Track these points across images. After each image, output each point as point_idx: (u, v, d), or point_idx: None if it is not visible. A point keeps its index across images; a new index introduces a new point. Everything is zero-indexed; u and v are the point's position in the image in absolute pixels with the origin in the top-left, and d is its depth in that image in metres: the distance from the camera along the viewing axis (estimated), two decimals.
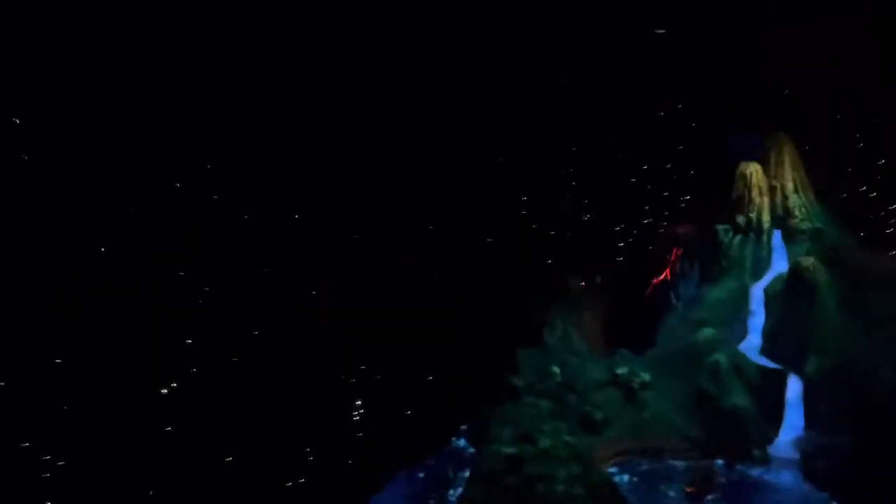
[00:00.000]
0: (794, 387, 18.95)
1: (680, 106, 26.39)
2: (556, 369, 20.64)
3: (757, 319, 21.34)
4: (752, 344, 20.76)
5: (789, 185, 22.83)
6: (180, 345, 14.97)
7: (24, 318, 13.36)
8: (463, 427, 20.69)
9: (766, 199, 22.77)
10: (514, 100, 23.80)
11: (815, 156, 23.76)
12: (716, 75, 25.77)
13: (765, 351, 20.23)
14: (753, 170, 22.93)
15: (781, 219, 22.70)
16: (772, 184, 22.97)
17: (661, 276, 27.01)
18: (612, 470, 18.44)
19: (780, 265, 22.15)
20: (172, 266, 15.07)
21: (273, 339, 16.11)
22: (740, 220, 22.80)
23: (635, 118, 26.95)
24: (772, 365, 19.51)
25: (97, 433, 13.77)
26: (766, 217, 22.65)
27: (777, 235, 22.56)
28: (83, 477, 13.64)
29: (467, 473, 17.67)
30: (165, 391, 14.61)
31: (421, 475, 18.37)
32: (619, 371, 20.72)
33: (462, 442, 20.06)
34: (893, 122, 22.65)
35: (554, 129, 25.75)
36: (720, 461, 18.58)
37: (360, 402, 17.89)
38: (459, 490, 17.25)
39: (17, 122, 13.31)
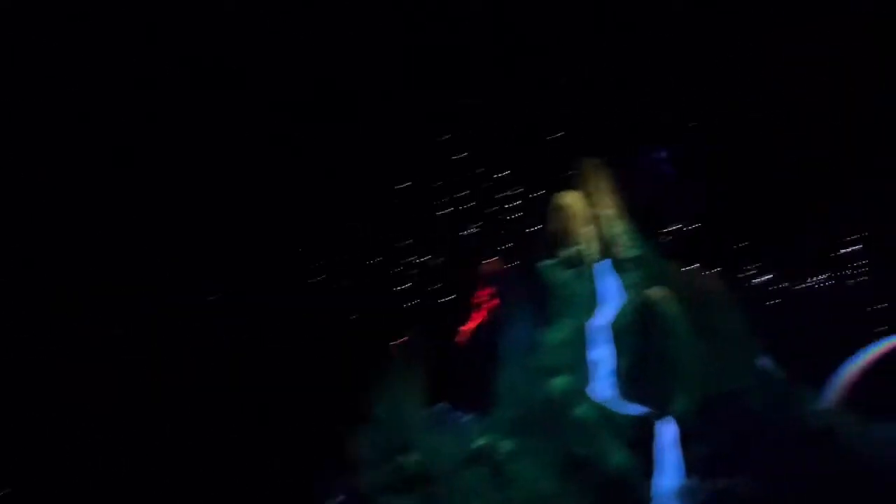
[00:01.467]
0: (667, 430, 17.74)
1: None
2: (408, 459, 17.26)
3: (604, 359, 19.93)
4: (605, 388, 19.25)
5: (611, 213, 21.85)
6: None
7: None
8: None
9: (590, 230, 21.63)
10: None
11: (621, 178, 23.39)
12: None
13: (625, 394, 18.70)
14: (573, 199, 21.61)
15: (607, 248, 21.75)
16: (593, 213, 21.91)
17: (477, 321, 24.86)
18: None
19: (614, 298, 21.12)
20: None
21: None
22: (568, 253, 21.35)
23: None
24: (640, 410, 18.04)
25: None
26: (592, 248, 21.44)
27: (605, 266, 21.62)
28: None
29: None
30: None
31: None
32: (478, 443, 17.93)
33: None
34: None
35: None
36: None
37: None
38: None
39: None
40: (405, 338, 23.35)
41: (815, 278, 19.98)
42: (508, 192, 23.60)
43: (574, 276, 20.82)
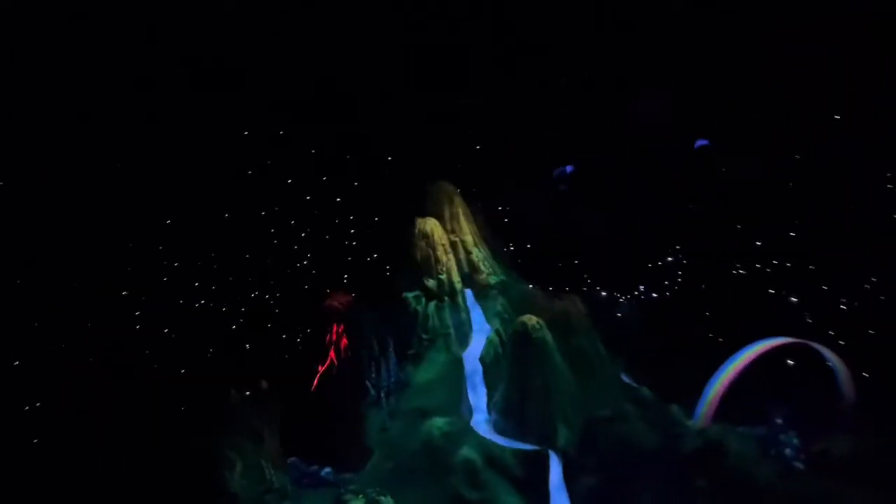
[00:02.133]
0: (555, 465, 16.86)
1: None
2: None
3: (479, 395, 18.78)
4: (484, 426, 18.08)
5: (469, 239, 20.79)
6: None
7: None
8: None
9: (451, 257, 20.49)
10: None
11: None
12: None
13: (502, 429, 17.58)
14: (433, 226, 20.37)
15: (468, 276, 20.74)
16: (451, 239, 20.85)
17: (327, 363, 22.82)
18: None
19: (480, 328, 20.10)
20: None
21: None
22: (430, 283, 19.95)
23: None
24: (524, 446, 17.01)
25: None
26: (455, 277, 20.31)
27: (468, 294, 20.61)
28: None
29: None
30: None
31: None
32: (354, 502, 15.90)
33: None
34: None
35: None
36: None
37: None
38: None
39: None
40: (248, 383, 20.86)
41: (661, 292, 20.47)
42: (350, 218, 21.97)
43: (440, 307, 19.66)
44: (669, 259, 21.28)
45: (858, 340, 18.08)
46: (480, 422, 17.61)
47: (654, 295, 21.48)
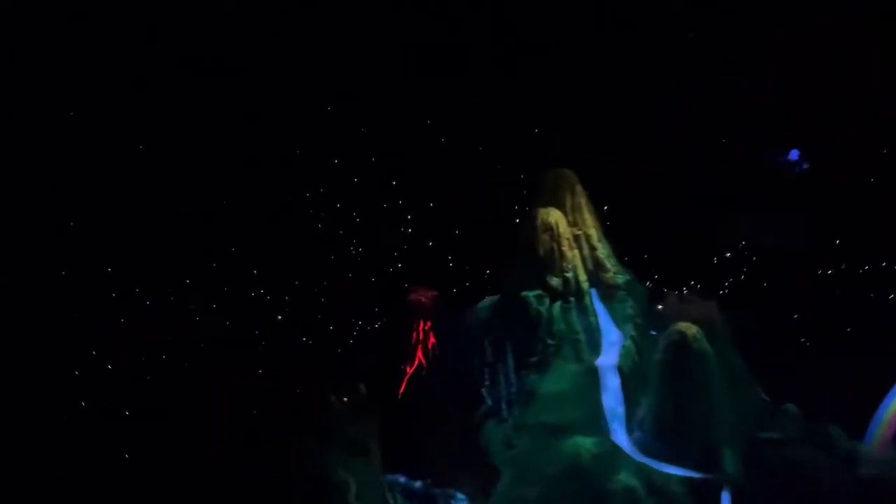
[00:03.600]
0: (726, 496, 14.79)
1: None
2: None
3: (620, 412, 16.58)
4: (625, 444, 15.82)
5: (593, 233, 18.51)
6: None
7: None
8: None
9: (577, 253, 18.26)
10: None
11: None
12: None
13: (654, 452, 15.49)
14: (557, 218, 18.04)
15: (593, 274, 18.52)
16: (575, 233, 18.59)
17: (415, 365, 20.57)
18: None
19: (611, 334, 17.86)
20: None
21: None
22: (555, 281, 17.65)
23: None
24: (688, 472, 14.96)
25: None
26: (582, 275, 18.06)
27: (594, 296, 18.39)
28: None
29: None
30: None
31: None
32: None
33: None
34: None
35: None
36: None
37: None
38: None
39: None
40: (344, 391, 18.58)
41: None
42: (459, 205, 19.64)
43: (566, 309, 17.46)
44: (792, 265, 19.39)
45: None
46: (624, 442, 15.54)
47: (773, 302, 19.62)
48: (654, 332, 17.52)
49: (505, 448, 16.00)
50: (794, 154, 17.85)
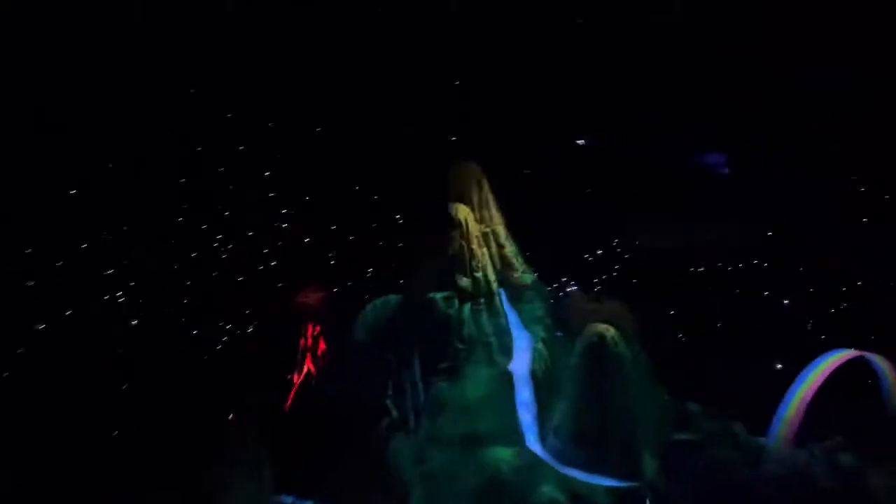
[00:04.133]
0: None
1: None
2: None
3: (529, 415, 15.64)
4: (541, 453, 14.87)
5: (501, 230, 17.62)
6: None
7: None
8: None
9: (485, 251, 17.18)
10: None
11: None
12: None
13: (573, 460, 14.66)
14: (466, 214, 16.89)
15: (501, 273, 17.53)
16: (483, 230, 17.52)
17: (303, 374, 18.76)
18: None
19: (519, 336, 16.86)
20: None
21: None
22: (464, 282, 16.52)
23: None
24: (611, 481, 14.24)
25: None
26: (491, 275, 17.02)
27: (503, 296, 17.37)
28: None
29: None
30: None
31: None
32: None
33: None
34: None
35: None
36: None
37: None
38: None
39: None
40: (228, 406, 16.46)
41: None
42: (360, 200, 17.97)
43: (475, 312, 16.38)
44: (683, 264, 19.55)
45: None
46: (541, 451, 14.71)
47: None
48: (559, 334, 17.06)
49: (415, 463, 14.71)
50: (699, 156, 17.98)
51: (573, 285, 17.49)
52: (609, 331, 14.53)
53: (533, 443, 14.53)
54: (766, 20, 17.39)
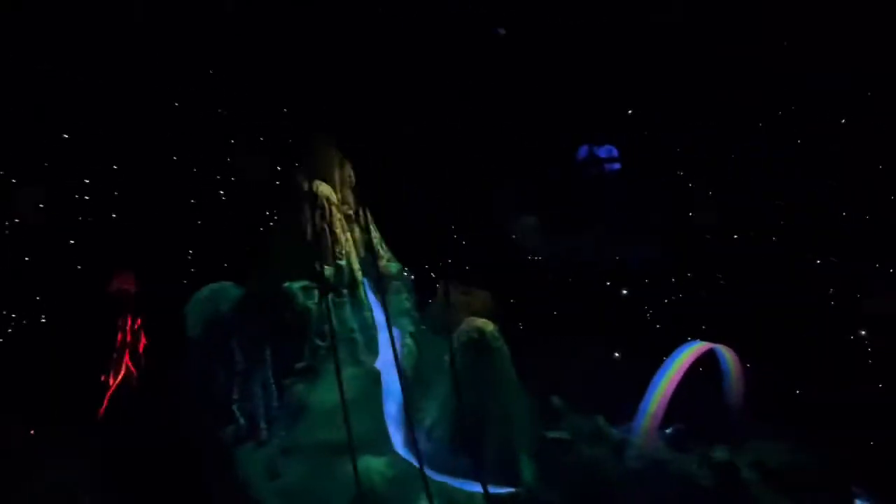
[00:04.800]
0: None
1: None
2: None
3: (398, 419, 14.01)
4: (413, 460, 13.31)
5: (364, 213, 15.82)
6: None
7: None
8: None
9: (349, 236, 15.19)
10: None
11: None
12: None
13: (449, 467, 13.21)
14: (328, 193, 14.81)
15: (365, 261, 15.64)
16: (346, 212, 15.49)
17: (120, 375, 15.80)
18: None
19: (383, 331, 15.10)
20: None
21: None
22: (327, 270, 14.55)
23: None
24: (491, 487, 12.92)
25: None
26: (355, 262, 15.10)
27: (367, 287, 15.49)
28: None
29: None
30: None
31: None
32: None
33: None
34: None
35: None
36: None
37: None
38: None
39: None
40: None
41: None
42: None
43: (337, 304, 14.46)
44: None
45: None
46: (412, 458, 13.30)
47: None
48: (424, 328, 15.84)
49: (268, 477, 12.73)
50: (583, 150, 17.44)
51: (439, 275, 16.36)
52: (488, 326, 13.49)
53: (401, 448, 13.17)
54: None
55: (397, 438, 13.33)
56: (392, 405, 13.70)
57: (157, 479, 12.94)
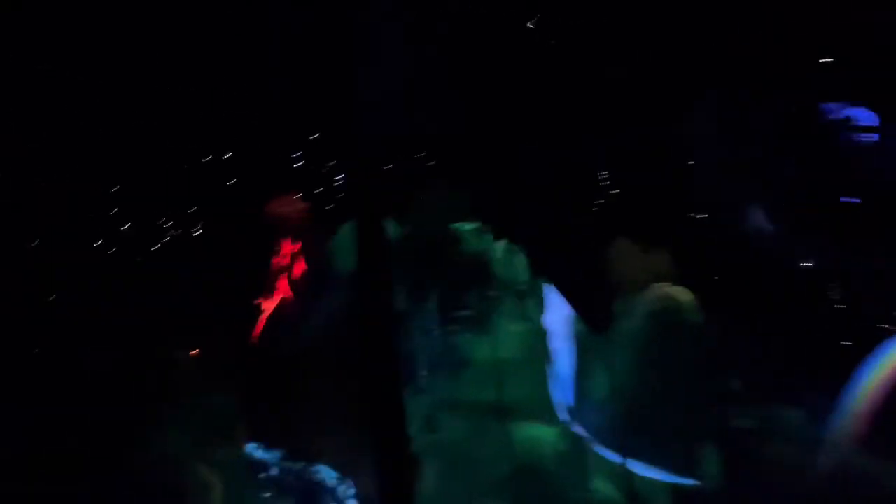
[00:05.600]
0: None
1: None
2: None
3: (567, 389, 12.82)
4: (601, 440, 12.25)
5: None
6: None
7: None
8: None
9: None
10: None
11: None
12: None
13: (626, 449, 12.04)
14: None
15: None
16: None
17: (275, 301, 15.24)
18: None
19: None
20: None
21: None
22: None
23: None
24: (673, 478, 11.70)
25: None
26: None
27: None
28: None
29: None
30: None
31: None
32: None
33: None
34: None
35: None
36: None
37: None
38: None
39: None
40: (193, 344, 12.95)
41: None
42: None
43: (510, 251, 13.23)
44: None
45: None
46: (584, 433, 12.02)
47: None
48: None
49: (425, 430, 11.80)
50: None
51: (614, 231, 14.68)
52: (685, 295, 11.78)
53: (569, 420, 11.86)
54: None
55: (562, 407, 12.02)
56: (560, 370, 12.36)
57: (309, 404, 12.40)
